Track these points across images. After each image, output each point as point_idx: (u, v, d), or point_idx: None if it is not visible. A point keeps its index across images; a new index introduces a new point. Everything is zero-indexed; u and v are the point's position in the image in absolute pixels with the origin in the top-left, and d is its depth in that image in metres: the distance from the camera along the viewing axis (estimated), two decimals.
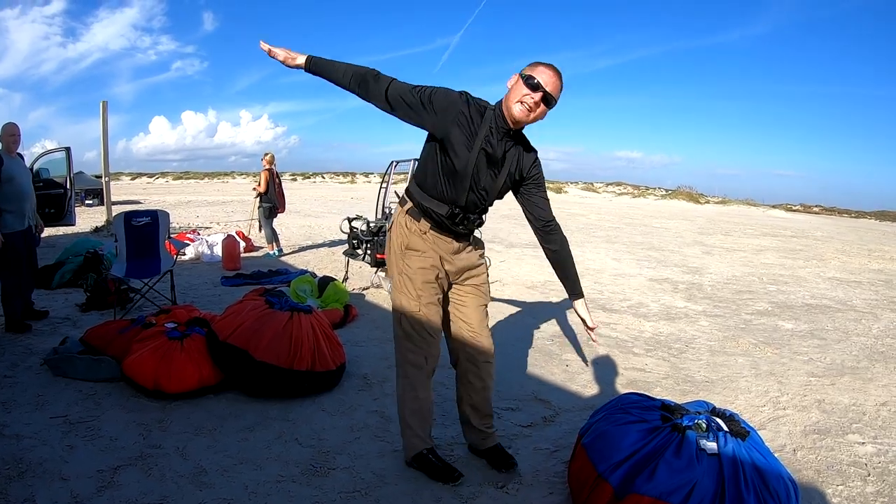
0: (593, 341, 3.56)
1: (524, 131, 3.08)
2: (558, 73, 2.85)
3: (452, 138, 2.91)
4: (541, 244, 3.29)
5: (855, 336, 6.61)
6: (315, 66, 3.08)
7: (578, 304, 3.37)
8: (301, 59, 3.08)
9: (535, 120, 2.90)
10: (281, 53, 3.12)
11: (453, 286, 3.28)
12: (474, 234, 3.28)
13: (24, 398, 4.08)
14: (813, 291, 9.16)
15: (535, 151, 3.11)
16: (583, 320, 3.37)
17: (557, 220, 3.24)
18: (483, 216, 3.18)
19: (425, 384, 3.20)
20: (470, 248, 3.23)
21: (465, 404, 3.37)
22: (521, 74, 2.86)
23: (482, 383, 3.32)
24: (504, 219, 18.27)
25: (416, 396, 3.18)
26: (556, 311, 7.07)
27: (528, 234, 14.45)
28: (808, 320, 7.23)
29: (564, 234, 3.27)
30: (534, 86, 2.80)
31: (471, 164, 2.92)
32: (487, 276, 3.34)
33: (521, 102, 2.84)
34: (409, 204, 3.14)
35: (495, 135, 2.94)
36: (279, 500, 2.98)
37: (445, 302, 3.28)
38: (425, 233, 3.10)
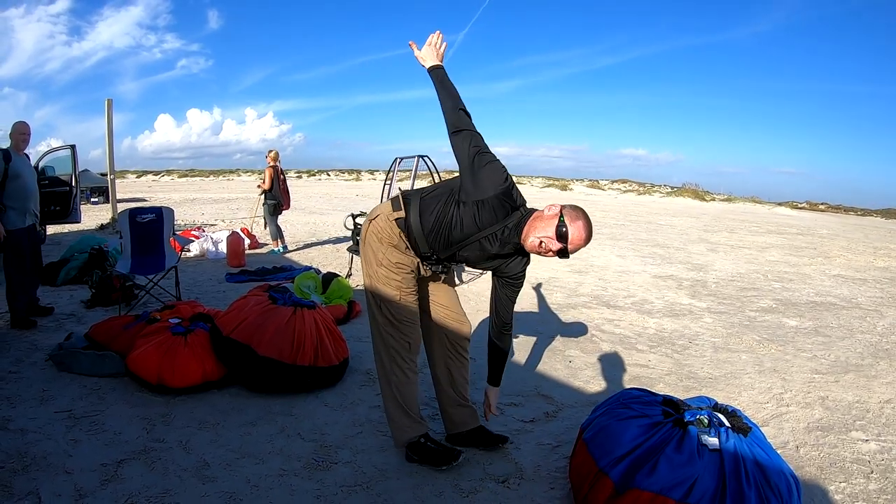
0: (486, 417, 3.54)
1: None
2: (589, 234, 2.83)
3: (486, 216, 2.92)
4: (490, 336, 3.32)
5: (859, 333, 6.59)
6: (435, 76, 3.11)
7: (492, 391, 3.44)
8: (430, 63, 3.12)
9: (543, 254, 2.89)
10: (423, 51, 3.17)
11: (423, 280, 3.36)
12: None
13: (29, 393, 4.10)
14: (818, 289, 9.14)
15: (528, 257, 3.10)
16: (488, 403, 3.46)
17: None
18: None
19: (413, 368, 3.28)
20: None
21: (453, 387, 3.48)
22: (560, 217, 2.81)
23: (466, 359, 3.54)
24: None
25: (408, 380, 3.25)
26: (558, 308, 7.07)
27: None
28: (813, 318, 7.21)
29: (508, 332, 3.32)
30: (562, 236, 2.77)
31: (469, 240, 2.97)
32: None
33: (541, 242, 2.80)
34: (402, 216, 3.10)
35: (504, 239, 2.94)
36: (281, 493, 2.99)
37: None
38: (406, 247, 3.14)
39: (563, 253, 2.80)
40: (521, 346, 5.51)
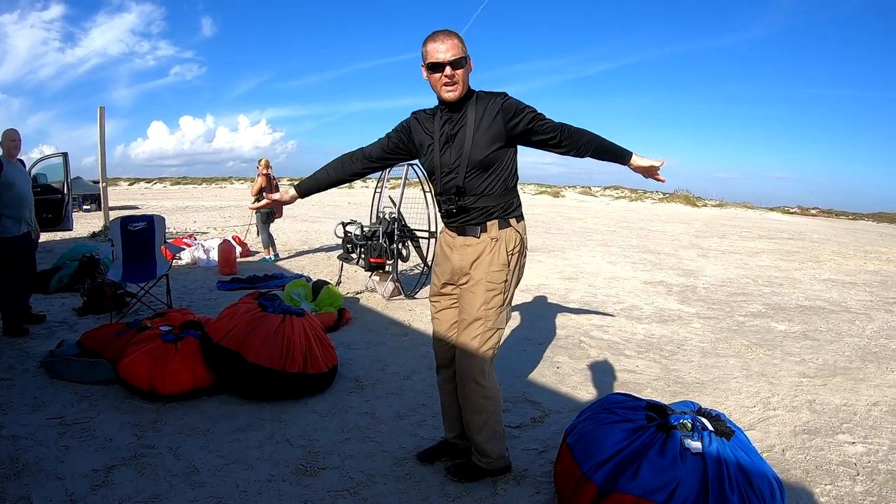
0: (661, 180, 3.27)
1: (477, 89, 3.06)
2: (446, 35, 2.87)
3: (422, 148, 3.09)
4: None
5: (848, 337, 6.64)
6: (304, 189, 3.31)
7: (636, 160, 3.19)
8: (290, 193, 3.31)
9: (460, 86, 2.90)
10: (273, 199, 3.35)
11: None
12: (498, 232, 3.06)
13: (21, 400, 4.12)
14: (807, 293, 9.19)
15: (500, 95, 2.99)
16: (648, 168, 3.20)
17: (557, 225, 3.22)
18: (472, 205, 3.02)
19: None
20: (470, 247, 3.06)
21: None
22: (423, 65, 2.93)
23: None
24: None
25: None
26: (548, 314, 7.10)
27: None
28: (802, 322, 7.25)
29: (583, 135, 3.09)
30: (437, 66, 2.85)
31: (434, 156, 3.03)
32: (497, 292, 3.05)
33: (444, 86, 2.89)
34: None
35: (445, 120, 3.01)
36: (269, 498, 3.02)
37: None
38: (443, 231, 3.22)
39: (456, 65, 2.85)
40: (509, 352, 5.53)
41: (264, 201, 3.40)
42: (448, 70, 2.83)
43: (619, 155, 3.17)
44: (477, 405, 3.11)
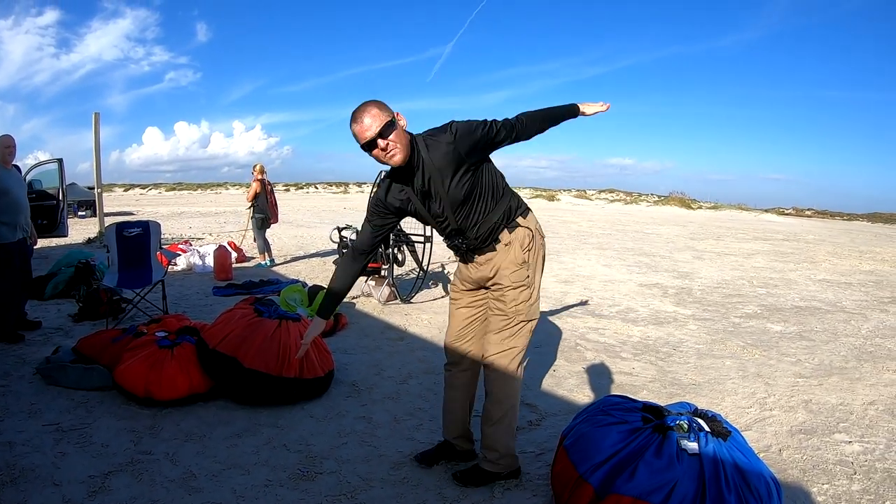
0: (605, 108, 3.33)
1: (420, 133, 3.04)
2: (364, 112, 2.85)
3: (405, 211, 3.14)
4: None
5: (844, 337, 6.66)
6: (327, 313, 3.34)
7: (584, 109, 3.28)
8: (321, 323, 3.33)
9: (401, 150, 2.87)
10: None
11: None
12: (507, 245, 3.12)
13: (17, 406, 4.11)
14: (803, 294, 9.22)
15: (446, 132, 2.93)
16: (596, 112, 3.31)
17: (545, 217, 3.24)
18: (476, 234, 3.08)
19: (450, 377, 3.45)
20: (489, 260, 3.14)
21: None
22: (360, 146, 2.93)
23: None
24: None
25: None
26: (543, 318, 7.10)
27: None
28: (797, 322, 7.27)
29: (534, 119, 3.12)
30: (366, 147, 2.86)
31: (420, 211, 3.07)
32: (522, 287, 3.12)
33: (382, 161, 2.91)
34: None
35: (409, 179, 3.01)
36: (266, 503, 3.02)
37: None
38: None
39: (383, 135, 2.82)
40: None
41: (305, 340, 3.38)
42: (381, 142, 2.83)
43: (568, 113, 3.25)
44: (502, 395, 3.16)
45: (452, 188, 2.94)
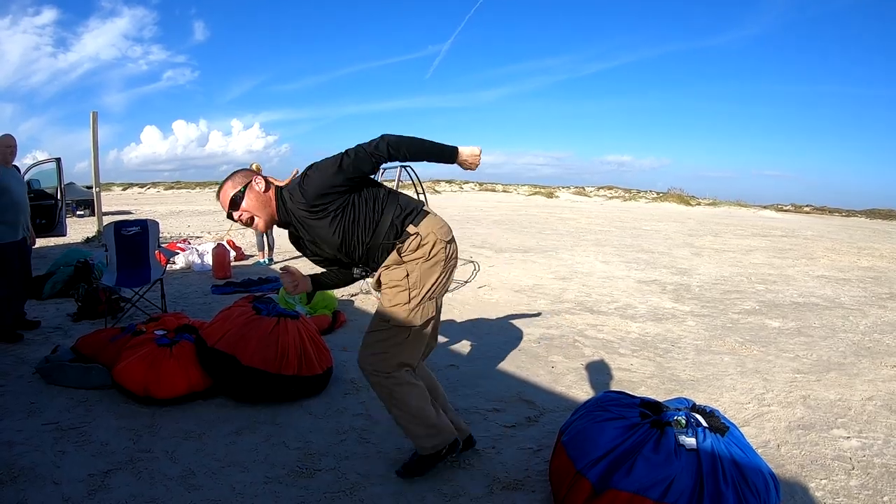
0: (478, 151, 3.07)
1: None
2: (220, 190, 2.97)
3: None
4: None
5: (842, 333, 6.67)
6: (318, 284, 3.40)
7: (461, 150, 3.02)
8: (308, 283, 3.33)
9: (261, 215, 2.95)
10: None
11: None
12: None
13: (16, 406, 4.11)
14: (801, 290, 9.23)
15: (299, 187, 2.90)
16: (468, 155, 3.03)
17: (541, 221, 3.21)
18: (368, 260, 3.10)
19: None
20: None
21: None
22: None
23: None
24: (494, 224, 18.38)
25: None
26: (543, 315, 7.12)
27: (516, 239, 14.54)
28: (796, 318, 7.28)
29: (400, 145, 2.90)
30: (230, 217, 2.98)
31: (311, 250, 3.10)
32: (397, 287, 3.05)
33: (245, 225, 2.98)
34: None
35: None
36: (265, 500, 3.02)
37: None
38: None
39: (235, 208, 2.93)
40: (504, 352, 5.56)
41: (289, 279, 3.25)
42: (235, 215, 2.92)
43: (448, 155, 3.01)
44: (382, 397, 3.19)
45: (322, 239, 2.96)
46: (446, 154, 2.98)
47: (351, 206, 2.90)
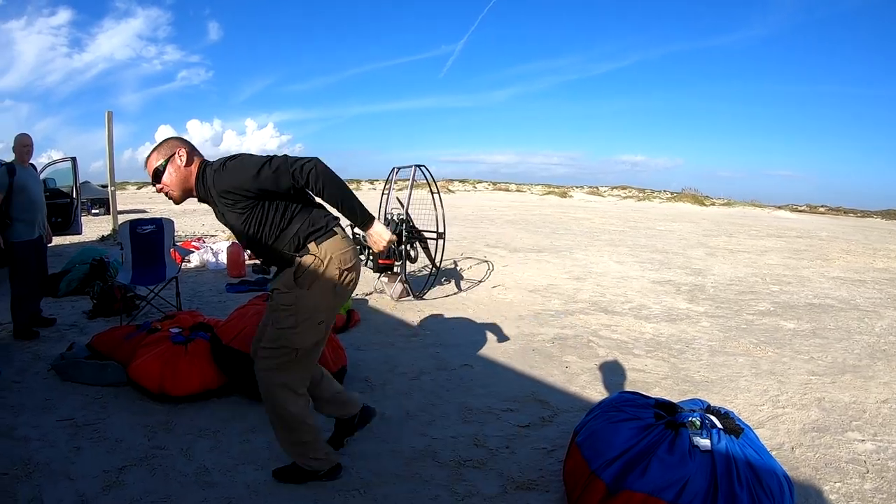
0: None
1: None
2: (147, 162, 3.00)
3: None
4: None
5: (857, 335, 6.62)
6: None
7: (372, 224, 3.03)
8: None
9: (175, 190, 2.97)
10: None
11: None
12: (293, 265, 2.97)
13: (32, 402, 4.15)
14: (816, 291, 9.16)
15: (219, 167, 2.89)
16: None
17: (553, 220, 3.17)
18: (268, 258, 3.09)
19: None
20: (273, 278, 3.14)
21: None
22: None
23: None
24: (508, 224, 18.35)
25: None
26: (557, 314, 7.11)
27: (530, 238, 14.50)
28: (811, 320, 7.23)
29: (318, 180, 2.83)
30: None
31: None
32: (286, 311, 2.96)
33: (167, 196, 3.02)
34: None
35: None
36: (279, 498, 3.04)
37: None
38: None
39: (157, 177, 2.98)
40: (518, 352, 5.56)
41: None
42: (157, 186, 2.99)
43: (361, 217, 2.98)
44: (267, 406, 3.12)
45: (232, 220, 2.96)
46: (359, 217, 2.96)
47: (260, 208, 2.88)
